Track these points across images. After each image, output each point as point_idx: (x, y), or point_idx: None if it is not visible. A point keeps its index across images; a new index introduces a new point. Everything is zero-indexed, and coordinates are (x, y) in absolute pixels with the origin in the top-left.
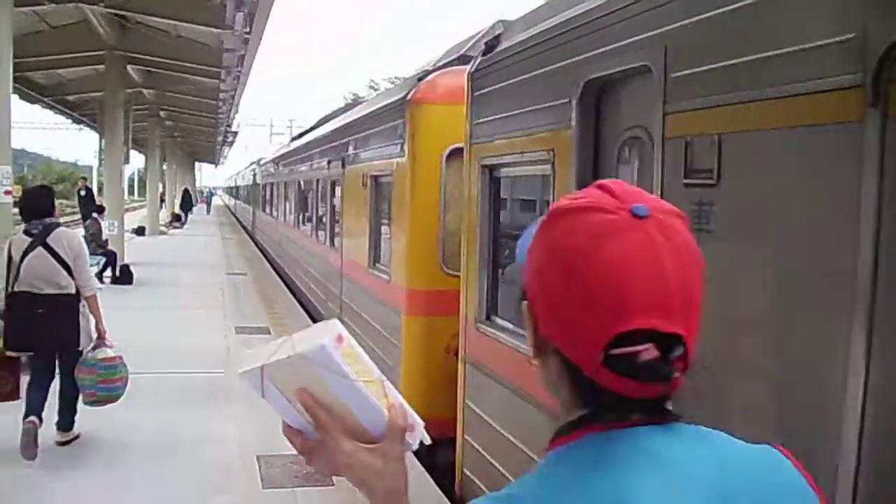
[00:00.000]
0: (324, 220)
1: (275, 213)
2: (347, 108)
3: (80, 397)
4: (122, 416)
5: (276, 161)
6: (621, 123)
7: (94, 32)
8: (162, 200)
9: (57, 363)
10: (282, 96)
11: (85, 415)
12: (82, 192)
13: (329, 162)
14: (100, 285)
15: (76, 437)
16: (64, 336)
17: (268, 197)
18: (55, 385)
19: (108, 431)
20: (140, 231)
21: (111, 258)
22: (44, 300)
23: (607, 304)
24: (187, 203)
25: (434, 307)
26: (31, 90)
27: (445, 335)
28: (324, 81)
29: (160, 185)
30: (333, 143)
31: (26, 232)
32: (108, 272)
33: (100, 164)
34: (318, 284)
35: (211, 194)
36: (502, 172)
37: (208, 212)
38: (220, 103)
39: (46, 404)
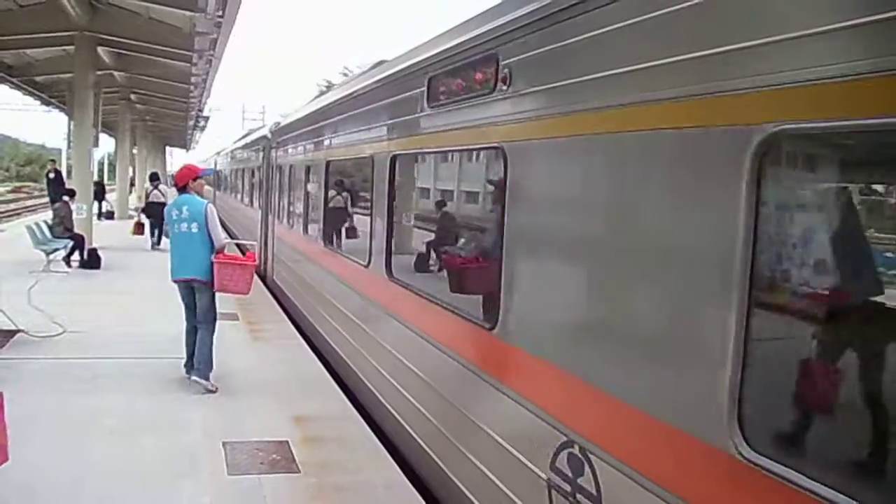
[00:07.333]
0: None
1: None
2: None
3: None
4: (88, 401)
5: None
6: None
7: (64, 12)
8: (132, 185)
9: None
10: (254, 82)
11: (49, 400)
12: (51, 175)
13: None
14: (67, 269)
15: None
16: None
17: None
18: None
19: (73, 416)
20: (109, 215)
21: (79, 242)
22: (160, 205)
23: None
24: None
25: None
26: None
27: None
28: (293, 68)
29: (130, 170)
30: None
31: (152, 184)
32: (76, 256)
33: (69, 147)
34: None
35: None
36: None
37: None
38: (192, 87)
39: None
